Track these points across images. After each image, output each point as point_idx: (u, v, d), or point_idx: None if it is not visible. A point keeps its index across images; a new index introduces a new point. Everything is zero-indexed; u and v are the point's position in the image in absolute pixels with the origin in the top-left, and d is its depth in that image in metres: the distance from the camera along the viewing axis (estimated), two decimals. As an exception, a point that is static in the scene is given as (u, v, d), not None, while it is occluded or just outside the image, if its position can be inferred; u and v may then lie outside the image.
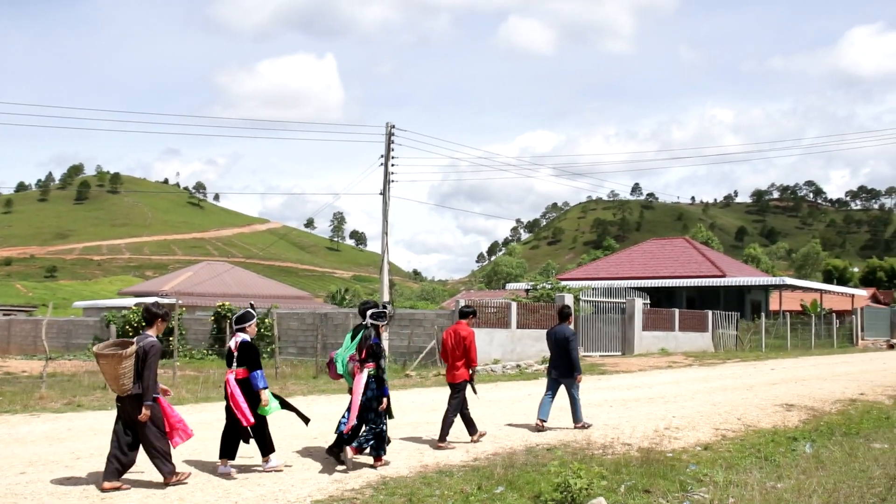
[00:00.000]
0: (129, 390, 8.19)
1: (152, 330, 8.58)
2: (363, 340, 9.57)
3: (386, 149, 26.58)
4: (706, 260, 52.35)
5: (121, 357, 8.13)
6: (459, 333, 11.23)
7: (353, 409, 9.32)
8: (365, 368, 9.45)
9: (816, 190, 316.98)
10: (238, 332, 9.17)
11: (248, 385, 8.89)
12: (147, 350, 8.25)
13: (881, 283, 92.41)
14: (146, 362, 8.22)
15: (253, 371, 8.89)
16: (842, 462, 9.95)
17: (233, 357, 8.99)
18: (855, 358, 32.58)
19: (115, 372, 8.13)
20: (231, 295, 44.90)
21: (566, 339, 12.52)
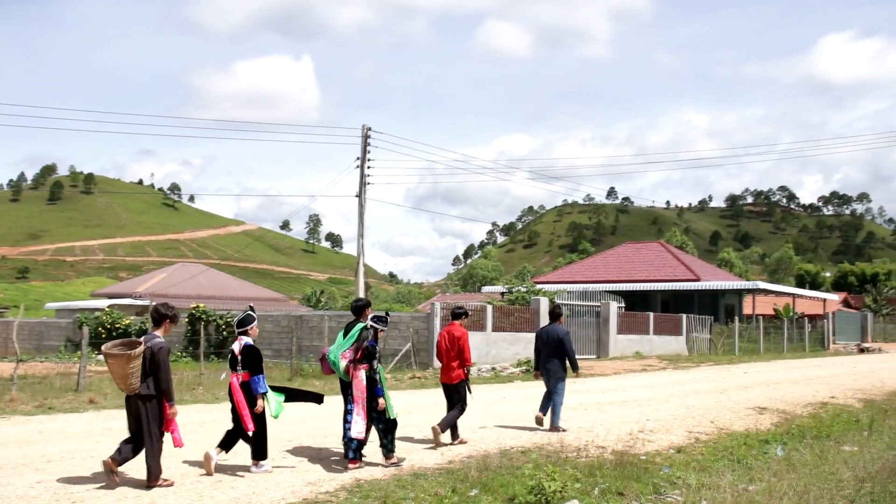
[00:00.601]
0: (137, 389, 8.32)
1: (160, 330, 8.68)
2: (360, 340, 9.74)
3: (362, 151, 26.55)
4: (681, 264, 52.69)
5: (130, 357, 8.26)
6: (453, 334, 11.43)
7: (362, 412, 9.52)
8: (360, 369, 9.63)
9: (789, 195, 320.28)
10: (241, 335, 9.28)
11: (250, 388, 9.06)
12: (155, 351, 8.37)
13: (852, 287, 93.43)
14: (156, 363, 8.35)
15: (254, 375, 9.02)
16: (812, 465, 10.05)
17: (237, 361, 9.13)
18: (826, 362, 32.89)
19: (124, 371, 8.27)
20: (206, 297, 44.60)
21: (560, 339, 12.73)
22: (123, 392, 8.51)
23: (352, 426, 9.50)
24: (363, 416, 9.55)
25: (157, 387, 8.37)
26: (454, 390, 11.41)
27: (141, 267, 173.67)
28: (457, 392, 11.41)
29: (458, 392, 11.42)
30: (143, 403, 8.37)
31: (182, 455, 9.83)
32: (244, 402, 8.98)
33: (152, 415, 8.40)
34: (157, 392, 8.42)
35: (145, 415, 8.37)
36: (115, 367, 8.36)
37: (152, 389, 8.39)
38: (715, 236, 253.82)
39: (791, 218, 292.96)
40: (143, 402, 8.37)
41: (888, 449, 10.92)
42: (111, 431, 12.20)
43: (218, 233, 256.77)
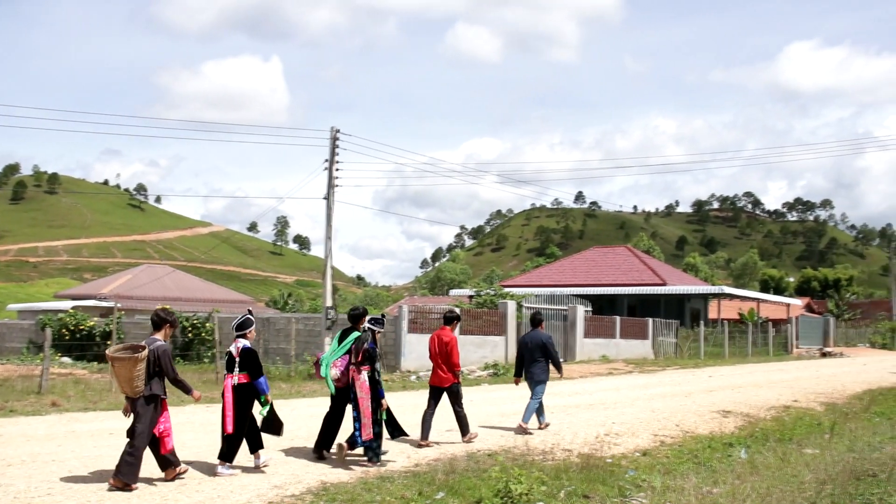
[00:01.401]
0: (142, 392, 8.55)
1: (160, 334, 8.98)
2: (359, 343, 9.99)
3: (330, 153, 26.46)
4: (647, 268, 53.06)
5: (136, 360, 8.49)
6: (442, 339, 11.60)
7: (367, 413, 9.78)
8: (362, 371, 9.88)
9: (755, 201, 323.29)
10: (239, 338, 9.49)
11: (245, 390, 9.25)
12: (159, 354, 8.66)
13: (815, 292, 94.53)
14: (161, 365, 8.64)
15: (256, 378, 9.27)
16: (775, 467, 10.17)
17: (234, 362, 9.35)
18: (789, 365, 33.27)
19: (130, 374, 8.49)
20: (172, 298, 44.20)
21: (544, 343, 12.92)
22: (128, 395, 8.64)
23: (361, 431, 9.78)
24: (370, 418, 9.77)
25: (172, 385, 8.76)
26: (449, 392, 11.59)
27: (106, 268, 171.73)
28: (452, 394, 11.57)
29: (455, 394, 11.58)
30: (146, 405, 8.60)
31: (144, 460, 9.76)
32: (231, 404, 9.16)
33: (151, 418, 8.61)
34: (164, 394, 8.74)
35: (144, 416, 8.56)
36: (120, 370, 8.56)
37: (155, 391, 8.65)
38: (681, 241, 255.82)
39: (756, 223, 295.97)
40: (146, 403, 8.60)
41: (848, 451, 11.07)
42: (74, 435, 12.06)
43: (185, 234, 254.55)
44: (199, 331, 29.54)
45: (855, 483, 8.39)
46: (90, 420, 13.83)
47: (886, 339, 54.69)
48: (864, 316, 73.97)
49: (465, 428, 11.66)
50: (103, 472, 9.09)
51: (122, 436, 11.84)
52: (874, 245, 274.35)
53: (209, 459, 9.91)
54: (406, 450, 10.97)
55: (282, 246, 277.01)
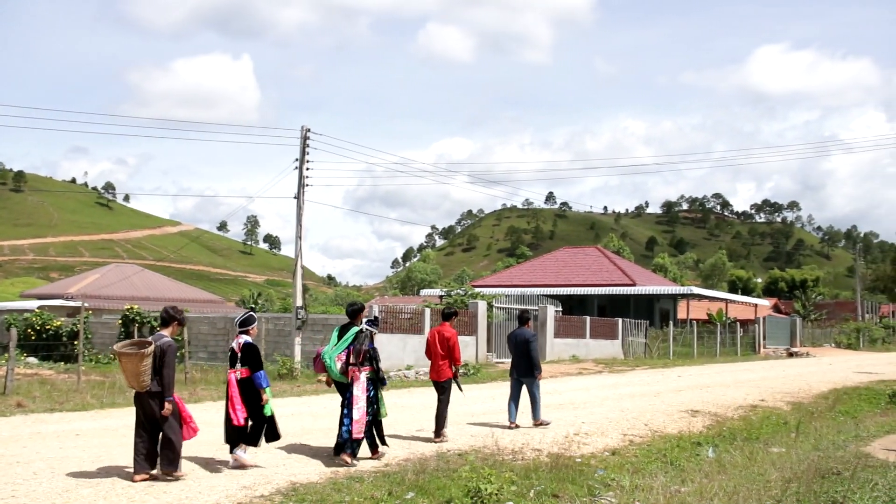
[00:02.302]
0: (149, 386, 8.75)
1: (167, 330, 9.18)
2: (359, 344, 10.19)
3: (301, 152, 26.34)
4: (617, 269, 53.36)
5: (142, 356, 8.68)
6: (444, 334, 12.11)
7: (359, 415, 9.99)
8: (362, 372, 10.14)
9: (723, 202, 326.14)
10: (241, 333, 9.80)
11: (248, 384, 9.51)
12: (164, 350, 8.84)
13: (782, 293, 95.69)
14: (164, 361, 8.80)
15: (256, 371, 9.53)
16: (742, 466, 10.27)
17: (236, 357, 9.65)
18: (757, 365, 33.60)
19: (137, 369, 8.68)
20: (140, 298, 43.80)
21: (527, 340, 13.44)
22: (135, 389, 8.87)
23: (353, 427, 9.95)
24: (364, 417, 10.04)
25: (162, 378, 8.80)
26: (443, 387, 12.04)
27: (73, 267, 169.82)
28: (446, 389, 12.02)
29: (447, 389, 12.03)
30: (155, 400, 8.82)
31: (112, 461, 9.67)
32: (238, 397, 9.45)
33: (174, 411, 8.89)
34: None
35: (160, 411, 8.80)
36: (128, 365, 8.74)
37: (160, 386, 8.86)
38: (651, 242, 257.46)
39: (725, 225, 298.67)
40: (154, 398, 8.81)
41: (814, 450, 11.21)
42: (39, 436, 11.90)
43: (153, 233, 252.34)
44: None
45: (820, 481, 8.49)
46: (56, 421, 13.67)
47: (852, 340, 55.39)
48: (830, 316, 74.88)
49: (441, 426, 11.88)
50: (69, 474, 9.00)
51: (88, 436, 11.77)
52: (840, 246, 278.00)
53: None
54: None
55: (252, 245, 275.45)
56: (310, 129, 26.57)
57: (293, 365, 23.50)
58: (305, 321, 25.28)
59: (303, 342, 24.95)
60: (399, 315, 27.56)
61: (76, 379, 19.59)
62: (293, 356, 24.25)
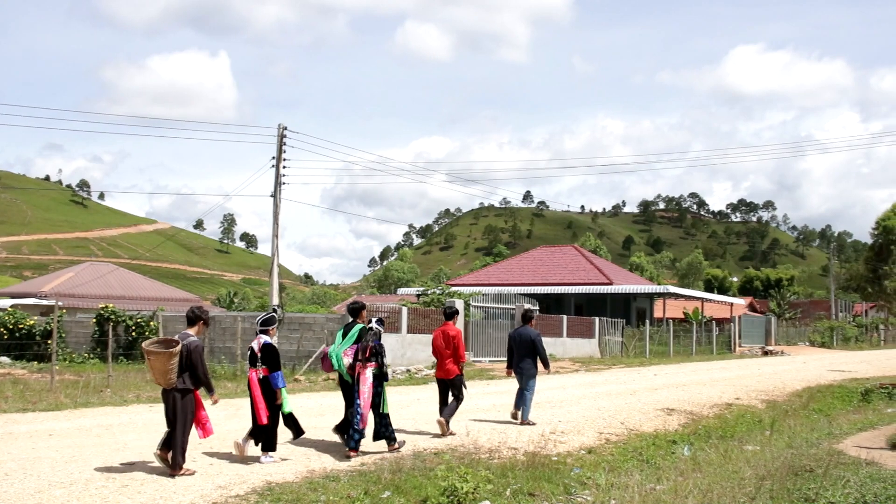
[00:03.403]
0: (175, 384, 9.04)
1: (193, 330, 9.44)
2: (365, 339, 10.51)
3: (277, 151, 26.26)
4: (594, 268, 53.51)
5: (170, 354, 8.97)
6: (448, 333, 12.42)
7: (365, 407, 10.35)
8: (368, 367, 10.46)
9: (700, 202, 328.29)
10: (262, 333, 10.08)
11: (267, 383, 9.86)
12: (191, 349, 9.12)
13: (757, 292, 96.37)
14: (192, 359, 9.10)
15: (274, 371, 9.86)
16: (717, 464, 10.34)
17: (256, 357, 9.94)
18: (732, 364, 33.83)
19: (165, 367, 8.96)
20: (115, 297, 43.48)
21: (532, 340, 13.61)
22: (162, 386, 9.16)
23: (360, 420, 10.28)
24: (369, 410, 10.39)
25: (196, 381, 9.15)
26: (451, 384, 12.35)
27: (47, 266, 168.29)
28: (454, 386, 12.34)
29: (456, 386, 12.34)
30: (181, 397, 9.10)
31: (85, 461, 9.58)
32: (261, 396, 9.78)
33: (188, 408, 9.14)
34: (195, 386, 9.19)
35: (181, 408, 9.08)
36: (155, 363, 9.01)
37: (188, 384, 9.13)
38: (628, 241, 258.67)
39: (701, 224, 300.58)
40: (181, 395, 9.09)
41: (787, 448, 11.30)
42: (11, 436, 11.79)
43: (129, 231, 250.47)
44: (143, 329, 29.10)
45: (793, 478, 8.57)
46: (29, 421, 13.54)
47: (825, 338, 55.90)
48: (805, 315, 75.55)
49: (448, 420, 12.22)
50: (42, 475, 8.92)
51: (61, 436, 11.69)
52: (814, 246, 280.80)
53: (150, 459, 9.78)
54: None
55: (228, 244, 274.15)
56: (286, 127, 26.53)
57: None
58: (282, 320, 25.18)
59: (279, 341, 24.83)
60: (376, 314, 27.50)
61: (49, 379, 19.40)
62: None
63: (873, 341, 61.84)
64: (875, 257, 69.43)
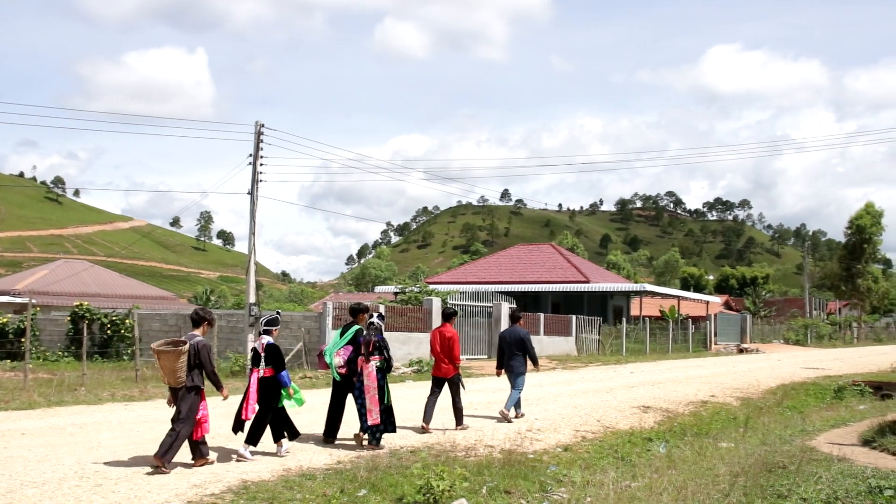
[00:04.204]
0: (185, 382, 9.40)
1: (199, 331, 9.81)
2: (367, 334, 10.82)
3: (255, 148, 26.14)
4: (571, 266, 53.65)
5: (179, 353, 9.36)
6: (445, 335, 12.67)
7: (374, 400, 10.56)
8: (371, 361, 10.69)
9: (676, 200, 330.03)
10: (265, 334, 10.42)
11: (270, 383, 10.15)
12: (199, 348, 9.50)
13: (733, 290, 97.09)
14: (200, 359, 9.47)
15: (280, 372, 10.19)
16: (692, 461, 10.40)
17: (259, 357, 10.25)
18: (708, 362, 34.07)
19: (173, 366, 9.35)
20: (90, 295, 43.11)
21: (521, 339, 14.05)
22: (170, 385, 9.51)
23: (367, 416, 10.56)
24: (377, 404, 10.57)
25: (207, 378, 9.56)
26: (450, 383, 12.66)
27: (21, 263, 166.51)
28: (453, 384, 12.65)
29: (455, 384, 12.65)
30: (188, 394, 9.42)
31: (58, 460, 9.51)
32: (254, 394, 10.07)
33: (193, 406, 9.42)
34: (203, 383, 9.57)
35: (188, 406, 9.38)
36: (165, 361, 9.39)
37: (197, 381, 9.49)
38: (605, 239, 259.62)
39: (678, 222, 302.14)
40: (188, 392, 9.43)
41: (761, 445, 11.39)
42: (-16, 434, 11.67)
43: (104, 229, 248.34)
44: (118, 328, 28.91)
45: (766, 475, 8.64)
46: (1, 420, 13.41)
47: (800, 336, 56.43)
48: (779, 313, 76.28)
49: (460, 418, 12.72)
50: (14, 474, 8.85)
51: (34, 435, 11.60)
52: (789, 244, 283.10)
53: (124, 458, 9.73)
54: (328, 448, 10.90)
55: (205, 241, 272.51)
56: (264, 124, 26.39)
57: (245, 362, 23.29)
58: (258, 318, 25.05)
59: (256, 339, 24.73)
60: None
61: (23, 377, 19.22)
62: (246, 353, 24.04)
63: (846, 339, 62.51)
64: (848, 256, 70.13)
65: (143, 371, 21.69)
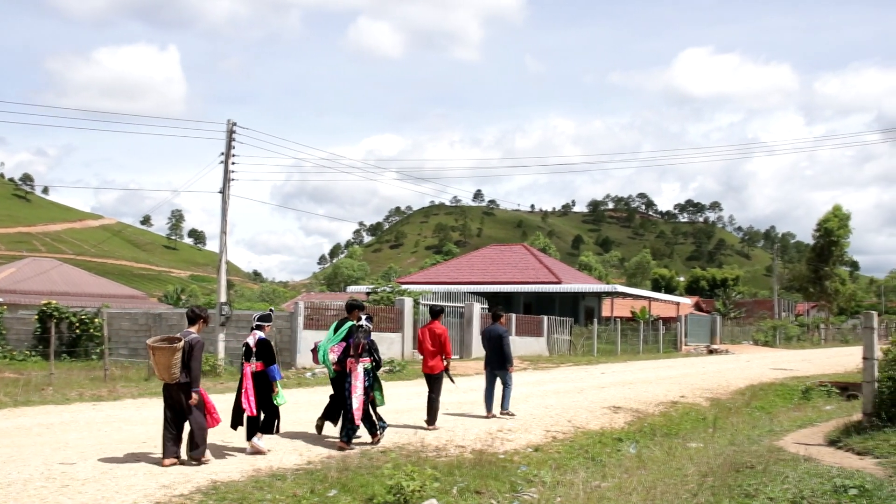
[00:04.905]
0: (178, 378, 9.54)
1: (194, 328, 10.01)
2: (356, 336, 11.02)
3: (227, 146, 25.98)
4: (543, 267, 53.83)
5: (174, 350, 9.48)
6: (435, 331, 13.05)
7: (357, 403, 10.78)
8: (360, 363, 10.93)
9: (648, 202, 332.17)
10: (257, 329, 10.58)
11: (264, 376, 10.38)
12: (193, 345, 9.66)
13: (703, 291, 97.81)
14: (192, 355, 9.61)
15: (270, 365, 10.38)
16: (661, 461, 10.48)
17: (251, 352, 10.45)
18: (678, 362, 34.30)
19: (168, 362, 9.46)
20: (58, 293, 42.68)
21: (500, 336, 14.50)
22: (165, 381, 9.65)
23: (354, 415, 10.76)
24: (362, 405, 10.82)
25: (188, 372, 9.60)
26: (435, 380, 12.93)
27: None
28: (436, 382, 12.93)
29: (439, 381, 12.94)
30: (184, 391, 9.59)
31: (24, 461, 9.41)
32: (252, 389, 10.28)
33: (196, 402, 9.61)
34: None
35: (187, 401, 9.57)
36: (160, 358, 9.53)
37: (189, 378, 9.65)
38: (577, 240, 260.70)
39: (649, 224, 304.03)
40: (182, 389, 9.59)
41: (730, 445, 11.49)
42: (-51, 434, 11.51)
43: (73, 226, 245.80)
44: (87, 327, 28.61)
45: (734, 475, 8.71)
46: (-33, 419, 13.24)
47: (769, 337, 56.94)
48: (749, 314, 76.86)
49: (434, 418, 12.83)
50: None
51: (5, 435, 11.42)
52: (759, 246, 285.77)
53: (93, 459, 9.64)
54: (299, 448, 10.87)
55: (176, 240, 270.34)
56: (236, 122, 26.24)
57: (216, 362, 23.16)
58: (230, 317, 24.93)
59: (227, 339, 24.61)
60: (325, 312, 27.38)
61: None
62: (216, 353, 23.90)
63: (814, 340, 63.15)
64: (817, 258, 70.94)
65: (113, 371, 21.49)
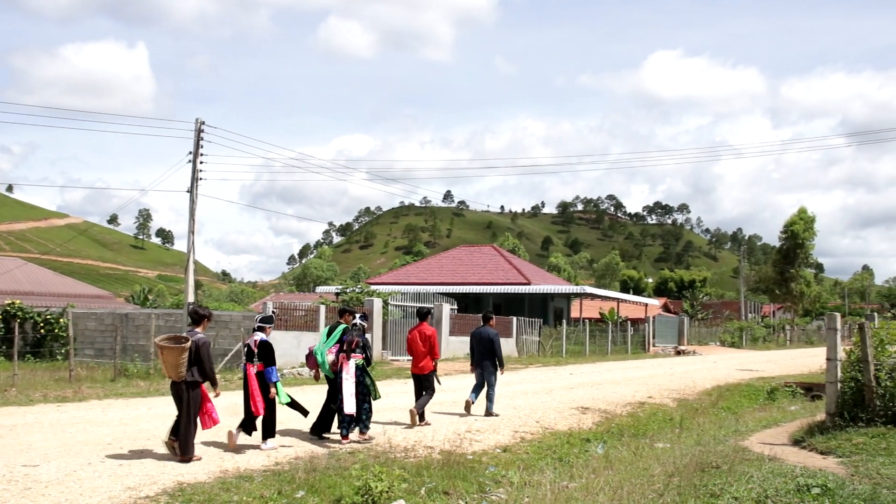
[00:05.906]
0: (185, 377, 9.84)
1: (199, 328, 10.28)
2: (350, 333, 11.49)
3: (195, 145, 25.81)
4: (512, 268, 53.94)
5: (182, 349, 9.79)
6: (425, 333, 13.56)
7: (348, 395, 11.13)
8: (352, 358, 11.36)
9: (617, 204, 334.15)
10: (258, 331, 10.87)
11: (263, 377, 10.60)
12: (199, 345, 9.95)
13: (671, 293, 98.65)
14: (200, 354, 9.90)
15: (268, 367, 10.58)
16: (628, 461, 10.54)
17: (253, 353, 10.69)
18: (646, 363, 34.53)
19: (176, 361, 9.77)
20: (23, 293, 42.08)
21: (490, 338, 14.86)
22: (172, 378, 9.93)
23: (344, 405, 11.06)
24: (353, 396, 11.14)
25: (202, 375, 9.93)
26: (425, 379, 13.48)
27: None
28: (427, 381, 13.47)
29: (429, 381, 13.47)
30: (188, 389, 9.91)
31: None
32: (258, 390, 10.55)
33: (194, 400, 9.93)
34: (202, 379, 9.99)
35: (187, 399, 9.87)
36: (167, 357, 9.82)
37: (196, 377, 9.93)
38: (546, 241, 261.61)
39: (618, 226, 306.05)
40: (189, 388, 9.90)
41: (696, 445, 11.58)
42: None
43: (39, 225, 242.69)
44: (52, 327, 28.29)
45: (700, 475, 8.79)
46: (-72, 421, 13.03)
47: (735, 338, 57.52)
48: (716, 316, 77.62)
49: (422, 415, 13.27)
50: None
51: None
52: (726, 248, 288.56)
53: (56, 461, 9.53)
54: (268, 450, 10.81)
55: (143, 240, 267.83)
56: (204, 121, 26.08)
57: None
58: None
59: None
60: (294, 312, 27.27)
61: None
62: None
63: (780, 341, 63.91)
64: (782, 260, 71.81)
65: (78, 371, 21.25)
